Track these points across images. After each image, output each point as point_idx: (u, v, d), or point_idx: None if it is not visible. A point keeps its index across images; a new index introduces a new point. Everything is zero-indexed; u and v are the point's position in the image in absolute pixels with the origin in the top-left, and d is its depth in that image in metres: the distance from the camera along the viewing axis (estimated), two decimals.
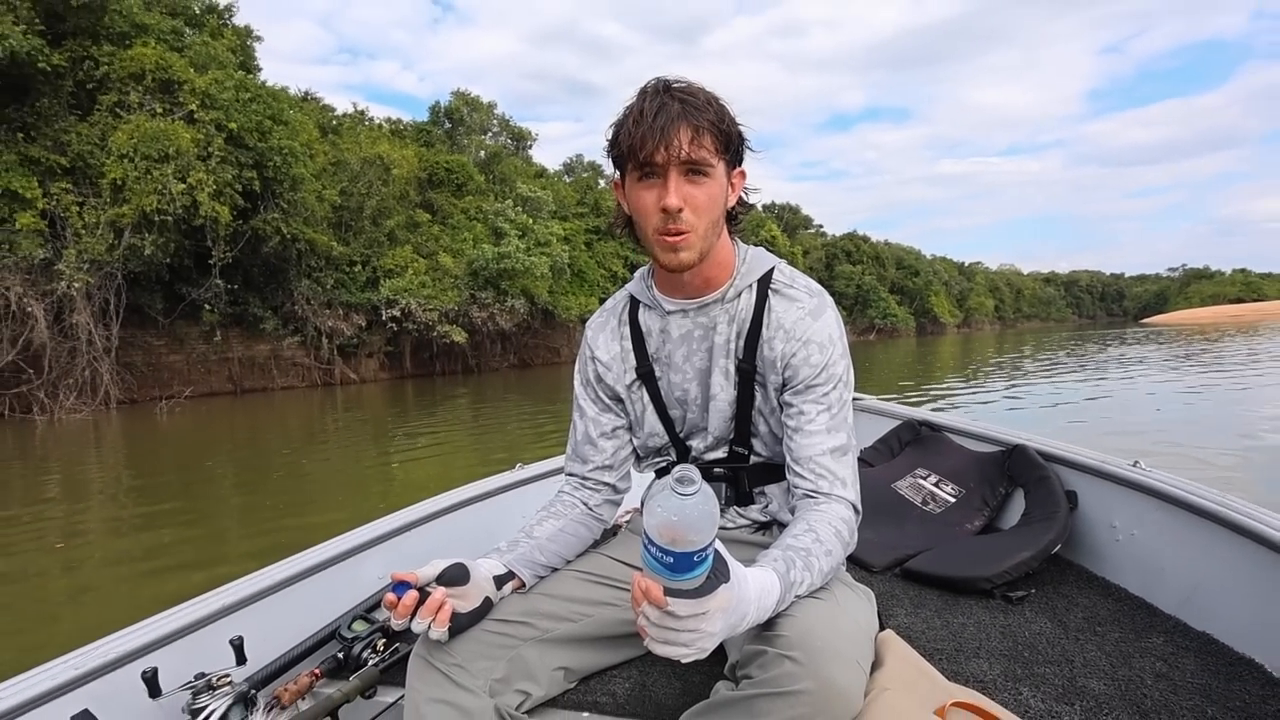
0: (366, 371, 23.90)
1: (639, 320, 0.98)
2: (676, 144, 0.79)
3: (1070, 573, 1.30)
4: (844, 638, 0.71)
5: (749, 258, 0.93)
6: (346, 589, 1.21)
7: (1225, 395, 8.94)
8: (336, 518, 4.34)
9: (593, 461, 1.00)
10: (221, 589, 1.06)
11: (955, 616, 1.14)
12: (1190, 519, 1.12)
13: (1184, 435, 5.80)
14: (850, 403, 0.90)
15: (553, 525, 0.95)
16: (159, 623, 0.96)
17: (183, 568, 3.57)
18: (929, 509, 1.58)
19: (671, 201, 0.80)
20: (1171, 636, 1.04)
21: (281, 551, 1.18)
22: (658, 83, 0.82)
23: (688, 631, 0.62)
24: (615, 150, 0.84)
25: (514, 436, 8.26)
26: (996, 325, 79.80)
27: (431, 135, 28.60)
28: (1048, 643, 1.04)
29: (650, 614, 0.61)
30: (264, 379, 21.57)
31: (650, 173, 0.81)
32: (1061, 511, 1.32)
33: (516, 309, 24.97)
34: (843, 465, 0.86)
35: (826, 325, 0.89)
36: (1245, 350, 16.87)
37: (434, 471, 5.95)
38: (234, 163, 17.15)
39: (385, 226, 22.65)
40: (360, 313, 23.15)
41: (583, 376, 1.02)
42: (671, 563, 0.60)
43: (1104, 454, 1.38)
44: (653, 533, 0.59)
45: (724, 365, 0.92)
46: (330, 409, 14.51)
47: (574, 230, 28.80)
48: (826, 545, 0.79)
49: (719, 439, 0.95)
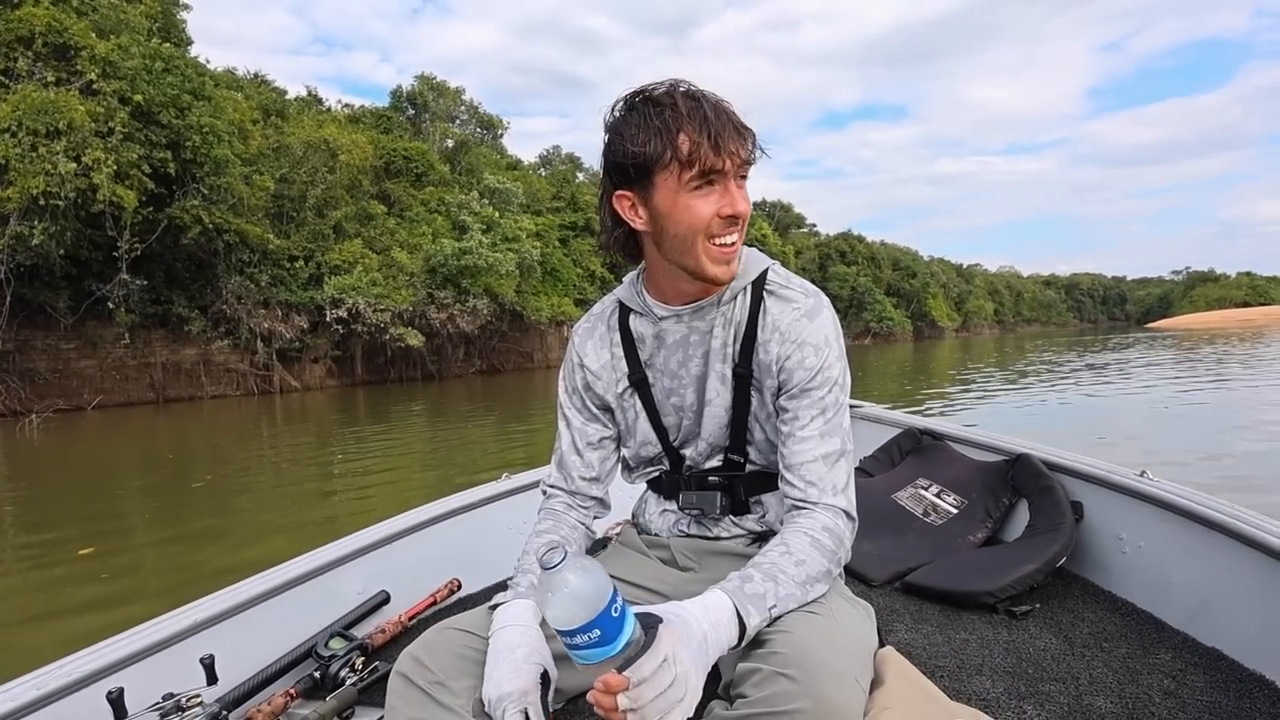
0: (311, 378, 22.52)
1: (630, 326, 0.98)
2: (737, 149, 0.81)
3: (1076, 586, 1.31)
4: (842, 655, 0.72)
5: (744, 259, 0.93)
6: (324, 605, 1.20)
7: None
8: (261, 553, 3.94)
9: (578, 473, 1.00)
10: (191, 605, 1.04)
11: (957, 632, 1.15)
12: (1199, 530, 1.13)
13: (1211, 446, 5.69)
14: (846, 406, 0.90)
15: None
16: (125, 641, 0.95)
17: (69, 612, 3.24)
18: (930, 520, 1.59)
19: (742, 207, 0.83)
20: (1180, 652, 1.05)
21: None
22: (684, 87, 0.82)
23: (668, 688, 0.62)
24: (646, 154, 0.81)
25: (475, 453, 7.88)
26: (996, 329, 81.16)
27: (392, 122, 27.19)
28: (1053, 659, 1.05)
29: (624, 701, 0.61)
30: (192, 386, 20.16)
31: (711, 180, 0.81)
32: (1067, 523, 1.34)
33: (479, 309, 23.68)
34: (835, 471, 0.87)
35: (822, 327, 0.90)
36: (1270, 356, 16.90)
37: (383, 496, 5.46)
38: (142, 141, 15.70)
39: (331, 218, 21.34)
40: (302, 313, 21.74)
41: (569, 384, 1.02)
42: (599, 634, 0.62)
43: (1110, 463, 1.39)
44: (565, 621, 0.62)
45: (720, 370, 0.93)
46: (266, 420, 13.81)
47: (547, 225, 27.55)
48: (797, 555, 0.79)
49: (714, 447, 0.96)
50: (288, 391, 21.23)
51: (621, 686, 0.61)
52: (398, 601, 1.32)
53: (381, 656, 1.13)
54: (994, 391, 11.82)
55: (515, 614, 0.79)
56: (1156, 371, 14.13)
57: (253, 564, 1.32)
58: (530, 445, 7.88)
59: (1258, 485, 4.47)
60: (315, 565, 1.20)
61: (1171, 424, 7.39)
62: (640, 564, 0.99)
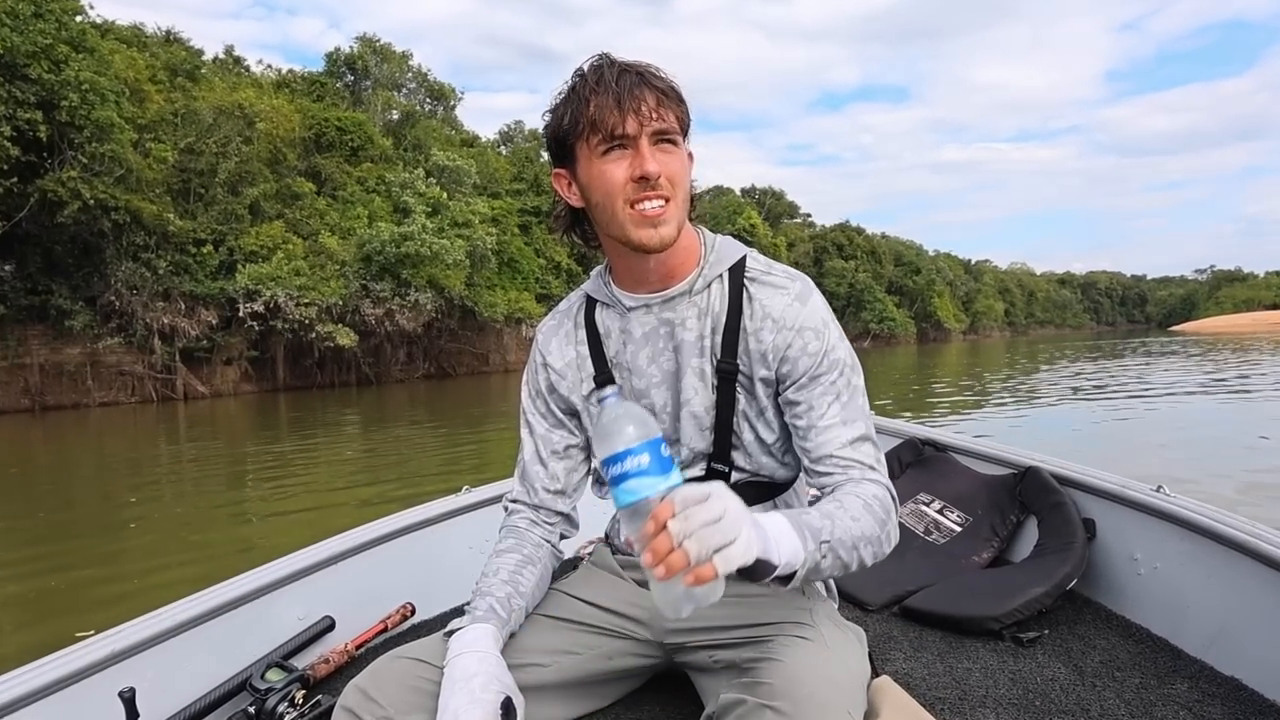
0: (223, 383, 20.53)
1: (596, 321, 0.97)
2: (646, 110, 0.81)
3: (1087, 611, 1.30)
4: (833, 685, 0.71)
5: (717, 245, 0.94)
6: (260, 632, 1.16)
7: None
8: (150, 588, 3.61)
9: (542, 485, 0.99)
10: (109, 633, 1.00)
11: (960, 660, 1.14)
12: (1218, 551, 1.13)
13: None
14: (862, 388, 0.90)
15: (533, 574, 0.93)
16: (32, 674, 0.91)
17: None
18: (932, 539, 1.58)
19: (651, 166, 0.81)
20: (1197, 682, 1.04)
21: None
22: (603, 59, 0.85)
23: (719, 519, 0.60)
24: (563, 127, 0.84)
25: (414, 466, 7.36)
26: (1007, 331, 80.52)
27: (326, 89, 24.89)
28: (1062, 690, 1.04)
29: (675, 525, 0.60)
30: (76, 392, 18.17)
31: (618, 144, 0.82)
32: (1078, 542, 1.33)
33: (422, 304, 21.58)
34: (867, 454, 0.86)
35: (817, 309, 0.90)
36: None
37: (305, 524, 4.89)
38: (2, 98, 13.34)
39: (246, 196, 19.40)
40: (210, 307, 19.72)
41: (532, 387, 1.01)
42: (648, 462, 0.64)
43: (1125, 478, 1.38)
44: (621, 444, 0.65)
45: (698, 366, 0.91)
46: (163, 433, 12.75)
47: (505, 210, 25.52)
48: (852, 512, 0.78)
49: (694, 453, 0.94)
50: (194, 398, 19.48)
51: (669, 513, 0.60)
52: (343, 628, 1.27)
53: (325, 689, 1.10)
54: (1007, 403, 11.43)
55: (472, 639, 0.79)
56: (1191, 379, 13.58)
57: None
58: (486, 460, 7.47)
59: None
60: (250, 588, 1.15)
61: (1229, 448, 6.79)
62: (614, 586, 0.98)
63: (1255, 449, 6.30)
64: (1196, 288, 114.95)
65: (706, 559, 0.58)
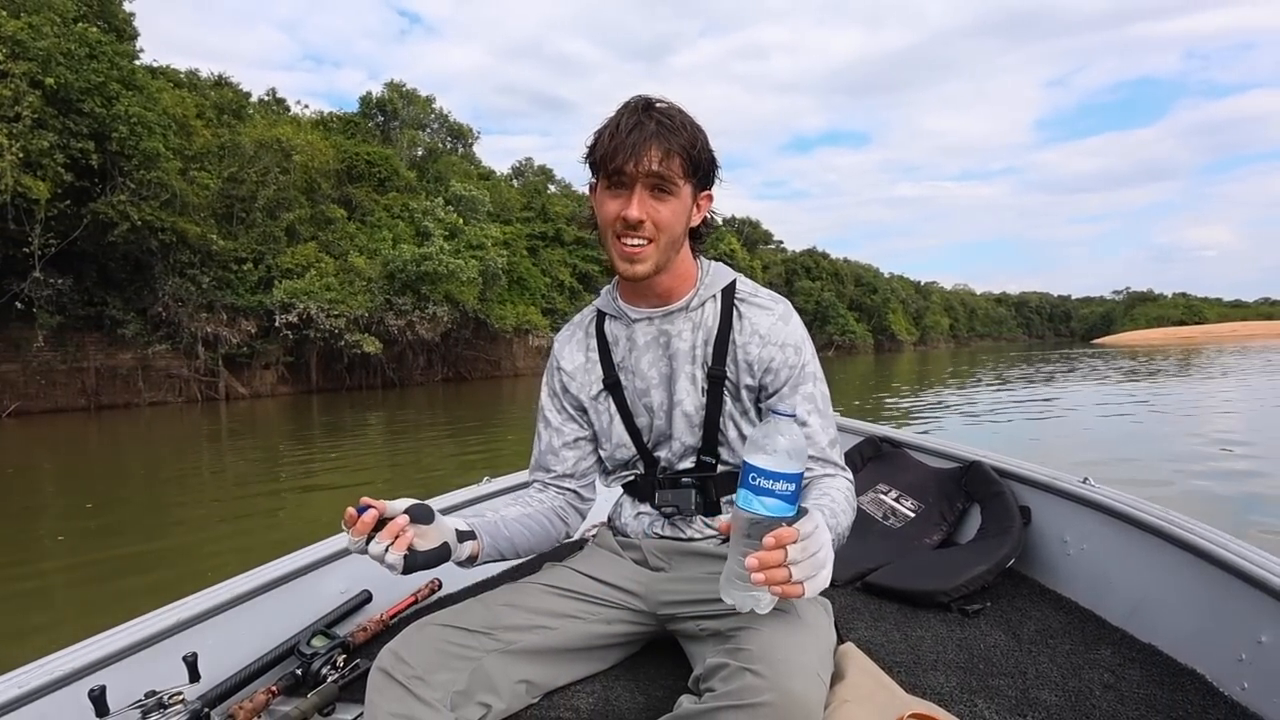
0: (262, 385, 20.96)
1: (605, 331, 1.03)
2: (646, 160, 0.84)
3: (1024, 586, 1.34)
4: (805, 651, 0.75)
5: (711, 271, 1.00)
6: (306, 604, 1.20)
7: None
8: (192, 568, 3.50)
9: (555, 470, 1.04)
10: (174, 605, 1.04)
11: (914, 629, 1.17)
12: (1136, 534, 1.17)
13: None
14: (829, 397, 0.97)
15: (518, 509, 0.99)
16: (108, 639, 0.94)
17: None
18: (889, 524, 1.63)
19: (632, 213, 0.86)
20: (1119, 648, 1.08)
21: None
22: (640, 101, 0.89)
23: (819, 551, 0.68)
24: (590, 156, 0.91)
25: (430, 460, 7.52)
26: (951, 343, 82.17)
27: (359, 127, 25.62)
28: (1002, 655, 1.07)
29: (795, 551, 0.66)
30: (128, 393, 18.52)
31: (618, 183, 0.87)
32: (1016, 526, 1.38)
33: (439, 316, 22.23)
34: (837, 453, 0.95)
35: (796, 328, 0.97)
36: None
37: (321, 519, 4.98)
38: (58, 129, 13.97)
39: (283, 220, 19.92)
40: (250, 318, 20.21)
41: (550, 388, 1.07)
42: (791, 490, 0.68)
43: (1056, 470, 1.43)
44: (780, 465, 0.67)
45: (689, 372, 0.97)
46: (206, 429, 12.90)
47: (515, 234, 26.44)
48: (839, 505, 0.87)
49: (686, 447, 0.99)
50: (235, 398, 19.76)
51: (793, 538, 0.66)
52: (379, 601, 1.30)
53: (363, 654, 1.13)
54: (955, 403, 11.64)
55: (450, 519, 0.88)
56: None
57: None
58: (494, 456, 7.51)
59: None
60: (298, 566, 1.20)
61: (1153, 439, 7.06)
62: (614, 564, 1.03)
63: (1171, 441, 6.41)
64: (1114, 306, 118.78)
65: (801, 583, 0.65)
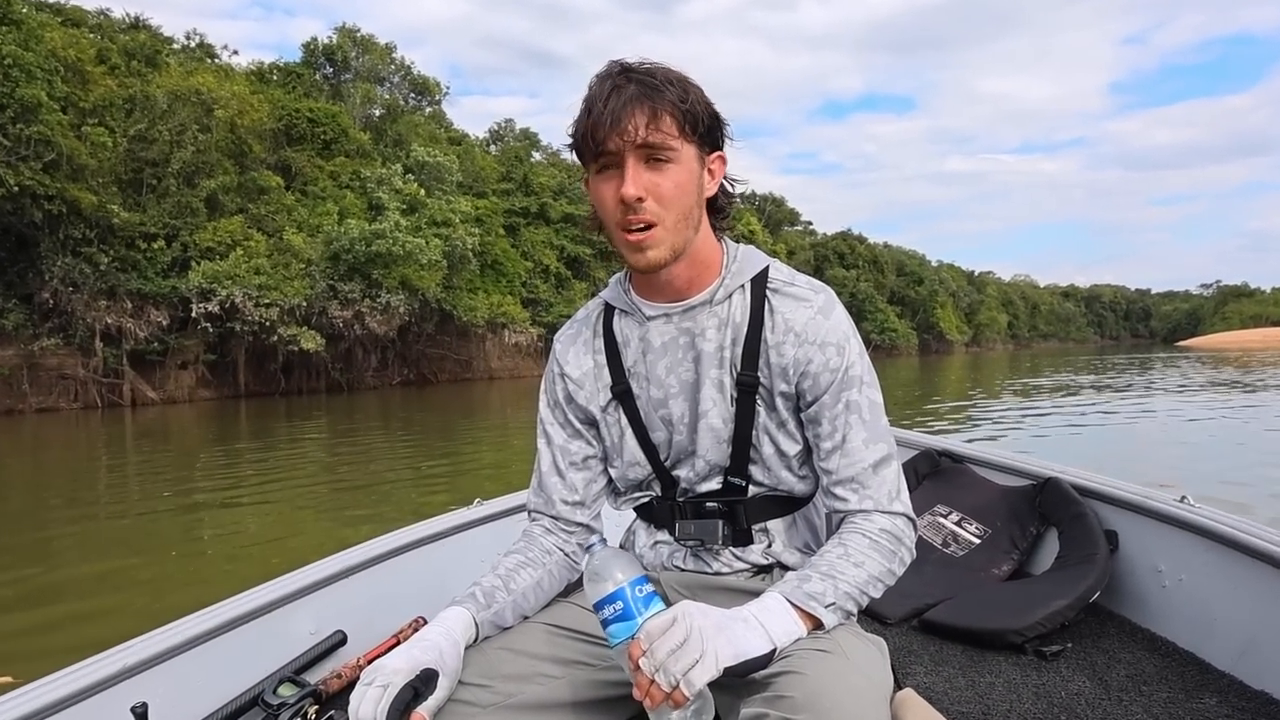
0: (177, 389, 18.21)
1: (614, 329, 0.93)
2: (632, 128, 0.76)
3: (1111, 624, 1.28)
4: (857, 698, 0.67)
5: (740, 256, 0.89)
6: (272, 647, 1.12)
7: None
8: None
9: (560, 497, 0.94)
10: (121, 647, 0.97)
11: (982, 675, 1.12)
12: (1245, 561, 1.09)
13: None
14: (882, 404, 0.87)
15: (530, 575, 0.90)
16: (45, 688, 0.89)
17: None
18: (950, 551, 1.55)
19: (629, 190, 0.77)
20: (1226, 696, 1.02)
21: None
22: (614, 65, 0.81)
23: (681, 645, 0.64)
24: (574, 144, 0.82)
25: (382, 481, 6.46)
26: (1010, 344, 75.47)
27: (303, 80, 22.44)
28: (1087, 705, 1.02)
29: (644, 663, 0.64)
30: (11, 397, 15.96)
31: (608, 164, 0.79)
32: (1100, 554, 1.31)
33: (394, 307, 19.08)
34: (886, 477, 0.84)
35: (840, 324, 0.86)
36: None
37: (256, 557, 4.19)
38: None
39: (203, 188, 16.97)
40: (161, 307, 17.40)
41: (550, 397, 0.96)
42: (621, 608, 0.68)
43: (1147, 488, 1.34)
44: (599, 593, 0.69)
45: (716, 377, 0.87)
46: (104, 443, 11.17)
47: (490, 210, 22.99)
48: (855, 557, 0.78)
49: (712, 466, 0.89)
50: (144, 404, 17.08)
51: (639, 651, 0.64)
52: (355, 643, 1.23)
53: (337, 704, 1.06)
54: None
55: (445, 615, 0.80)
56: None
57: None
58: (463, 480, 6.39)
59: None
60: (262, 603, 1.12)
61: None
62: None
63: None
64: (1202, 302, 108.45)
65: (677, 685, 0.61)
